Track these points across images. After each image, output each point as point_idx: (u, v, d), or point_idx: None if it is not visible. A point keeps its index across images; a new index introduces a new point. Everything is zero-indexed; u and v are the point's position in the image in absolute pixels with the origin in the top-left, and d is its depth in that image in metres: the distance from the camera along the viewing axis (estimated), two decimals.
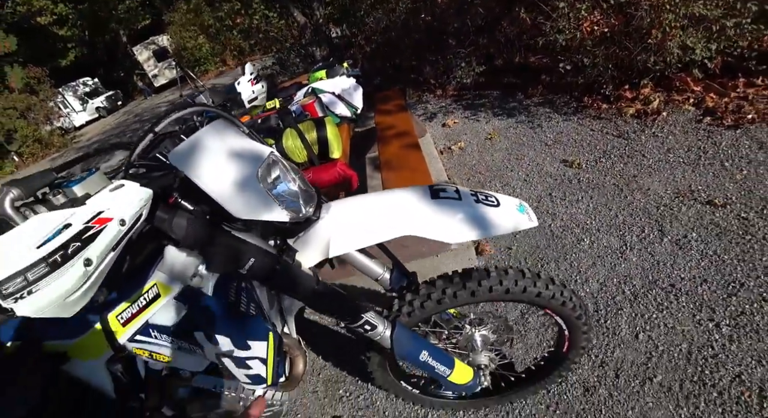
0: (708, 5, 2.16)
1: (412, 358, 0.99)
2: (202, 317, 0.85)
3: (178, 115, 0.87)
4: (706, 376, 1.28)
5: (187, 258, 0.85)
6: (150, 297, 0.85)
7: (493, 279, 0.97)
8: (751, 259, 1.58)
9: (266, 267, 0.79)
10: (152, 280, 0.85)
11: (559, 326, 1.14)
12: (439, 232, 0.82)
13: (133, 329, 0.88)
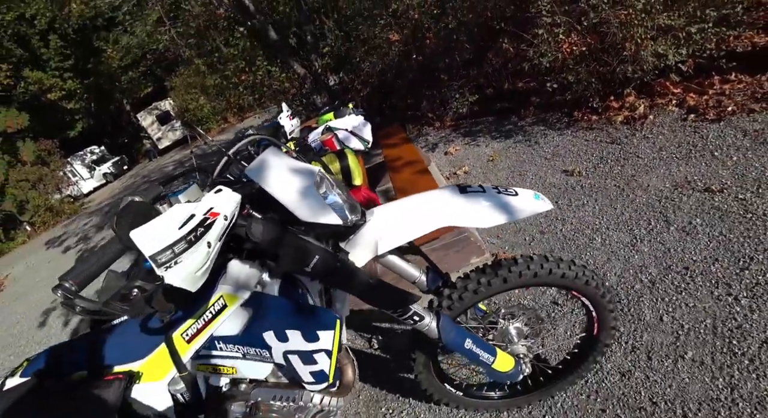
0: (671, 16, 2.40)
1: (458, 346, 1.07)
2: (272, 317, 0.95)
3: (247, 141, 1.03)
4: (735, 346, 1.34)
5: (250, 269, 0.97)
6: (216, 309, 0.95)
7: (521, 265, 1.08)
8: (756, 235, 1.67)
9: (328, 264, 0.90)
10: (218, 293, 0.95)
11: (587, 308, 1.23)
12: (473, 220, 0.95)
13: (197, 344, 0.97)
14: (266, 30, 4.66)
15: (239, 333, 0.98)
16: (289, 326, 0.94)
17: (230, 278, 0.95)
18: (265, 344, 0.96)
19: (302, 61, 5.07)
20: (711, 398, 1.24)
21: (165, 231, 0.69)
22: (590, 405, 1.36)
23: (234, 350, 1.00)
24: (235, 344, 0.99)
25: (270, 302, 0.98)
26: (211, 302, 0.95)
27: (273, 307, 0.97)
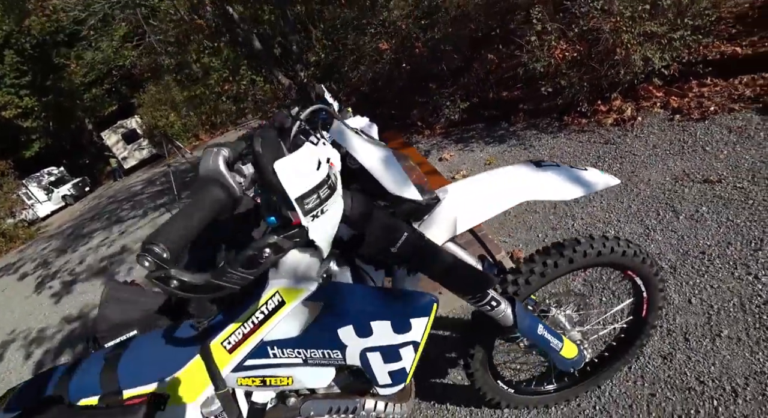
0: (656, 23, 2.58)
1: (532, 332, 1.05)
2: (353, 308, 0.83)
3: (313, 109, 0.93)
4: (766, 320, 1.40)
5: (311, 258, 0.81)
6: (271, 308, 0.81)
7: (585, 245, 1.09)
8: (761, 218, 1.78)
9: (415, 244, 0.81)
10: (272, 288, 0.81)
11: (637, 289, 1.25)
12: (552, 193, 0.94)
13: (242, 353, 0.85)
14: (250, 40, 4.61)
15: (301, 334, 0.86)
16: (375, 316, 0.82)
17: (287, 269, 0.81)
18: (339, 342, 0.84)
19: (287, 72, 5.05)
20: (755, 371, 1.28)
21: (309, 169, 0.57)
22: (638, 391, 1.37)
23: (292, 355, 0.87)
24: (294, 347, 0.86)
25: (348, 292, 0.86)
26: (264, 300, 0.81)
27: (352, 296, 0.85)
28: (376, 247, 0.80)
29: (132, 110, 15.02)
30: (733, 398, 1.24)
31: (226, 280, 0.61)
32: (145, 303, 1.25)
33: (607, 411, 1.35)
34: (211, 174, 0.62)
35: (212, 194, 0.60)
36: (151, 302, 1.27)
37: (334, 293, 0.84)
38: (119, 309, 1.20)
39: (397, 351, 0.84)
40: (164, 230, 0.59)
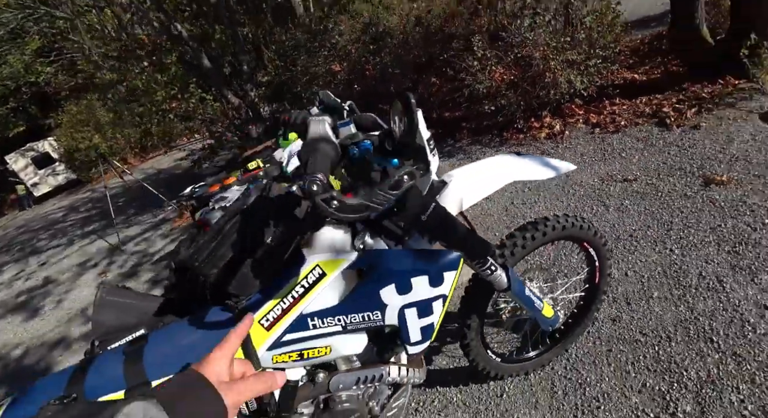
0: (575, 53, 3.10)
1: (521, 293, 1.25)
2: (393, 268, 0.92)
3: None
4: (682, 281, 1.76)
5: (344, 234, 0.94)
6: (312, 281, 0.90)
7: (552, 221, 1.33)
8: (669, 205, 2.22)
9: (439, 213, 0.94)
10: (311, 262, 0.91)
11: (591, 259, 1.52)
12: (533, 174, 1.17)
13: (281, 329, 0.90)
14: (199, 58, 4.58)
15: (341, 301, 0.93)
16: (414, 273, 0.92)
17: (322, 245, 0.93)
18: (381, 302, 0.93)
19: (236, 91, 5.04)
20: (681, 320, 1.61)
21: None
22: (598, 349, 1.63)
23: (333, 323, 0.93)
24: (335, 315, 0.93)
25: (388, 255, 0.95)
26: (304, 274, 0.90)
27: (393, 258, 0.94)
28: (411, 215, 0.91)
29: (43, 132, 13.49)
30: (668, 342, 1.54)
31: (376, 201, 0.72)
32: (141, 306, 1.24)
33: (576, 369, 1.58)
34: (322, 135, 0.78)
35: (326, 148, 0.76)
36: (146, 304, 1.26)
37: (375, 258, 0.93)
38: (114, 313, 1.18)
39: (430, 305, 0.96)
40: (316, 164, 0.70)
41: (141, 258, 4.66)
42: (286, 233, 0.89)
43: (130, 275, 4.31)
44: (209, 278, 0.88)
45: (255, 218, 0.90)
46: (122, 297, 1.23)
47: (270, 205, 0.93)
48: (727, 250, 1.85)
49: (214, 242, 0.89)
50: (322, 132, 0.77)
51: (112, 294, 1.23)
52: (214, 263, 0.87)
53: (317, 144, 0.75)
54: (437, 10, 4.90)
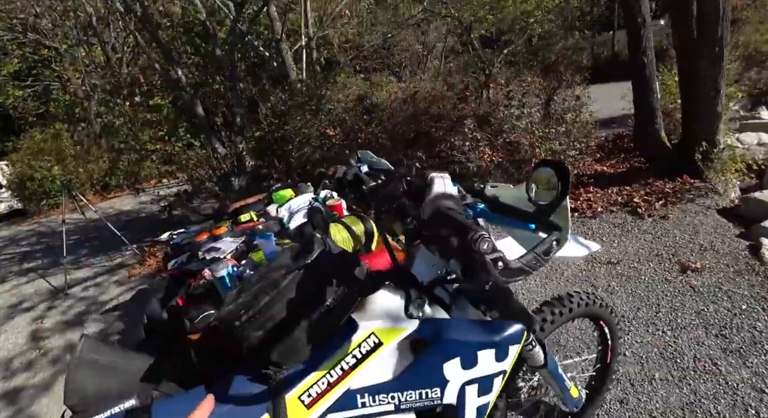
0: (557, 144, 3.46)
1: (555, 371, 1.24)
2: (459, 340, 0.84)
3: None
4: (680, 362, 1.82)
5: (400, 299, 0.87)
6: (365, 351, 0.80)
7: (577, 298, 1.37)
8: (653, 289, 2.36)
9: (500, 284, 0.92)
10: (366, 330, 0.82)
11: (604, 337, 1.55)
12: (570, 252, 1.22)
13: (323, 407, 0.78)
14: (194, 104, 4.61)
15: (397, 375, 0.83)
16: (482, 346, 0.85)
17: (376, 311, 0.85)
18: (443, 378, 0.84)
19: (224, 142, 5.06)
20: (686, 402, 1.64)
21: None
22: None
23: (385, 401, 0.82)
24: (389, 392, 0.82)
25: (452, 325, 0.87)
26: (356, 343, 0.81)
27: (458, 329, 0.86)
28: (480, 283, 0.87)
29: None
30: None
31: (531, 265, 0.68)
32: (126, 368, 1.10)
33: None
34: (448, 192, 0.75)
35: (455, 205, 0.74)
36: (132, 365, 1.11)
37: (439, 328, 0.85)
38: (95, 376, 1.03)
39: (491, 381, 0.89)
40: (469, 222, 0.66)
41: (88, 305, 4.18)
42: (349, 294, 0.82)
43: (73, 324, 3.82)
44: (250, 341, 0.76)
45: (318, 274, 0.82)
46: (105, 355, 1.08)
47: (333, 262, 0.86)
48: (715, 333, 1.96)
49: (266, 298, 0.77)
50: (449, 189, 0.74)
51: (93, 350, 1.07)
52: (262, 323, 0.76)
53: (443, 201, 0.72)
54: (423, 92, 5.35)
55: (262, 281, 0.81)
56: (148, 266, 4.79)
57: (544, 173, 0.69)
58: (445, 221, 0.65)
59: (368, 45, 9.55)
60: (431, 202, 0.68)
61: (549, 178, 0.68)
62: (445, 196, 0.69)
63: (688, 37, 3.34)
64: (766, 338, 1.89)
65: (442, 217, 0.66)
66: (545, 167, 0.65)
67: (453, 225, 0.62)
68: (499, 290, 0.95)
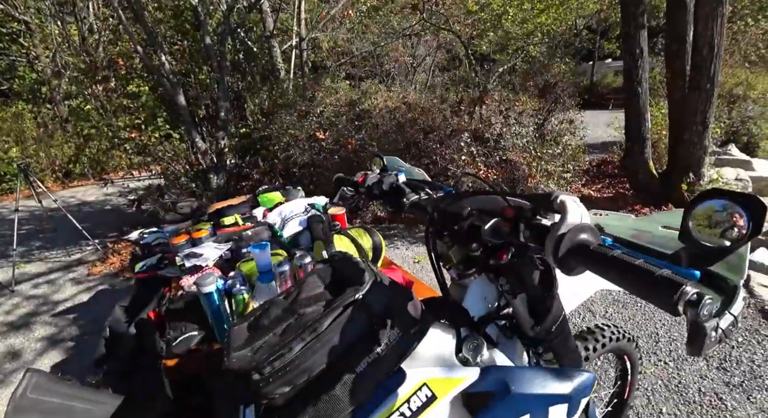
0: (552, 164, 3.47)
1: (593, 413, 1.14)
2: (531, 394, 0.71)
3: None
4: (685, 396, 1.78)
5: (451, 340, 0.74)
6: (417, 406, 0.65)
7: (608, 332, 1.29)
8: (651, 317, 2.34)
9: (564, 323, 0.80)
10: (417, 380, 0.66)
11: (625, 372, 1.49)
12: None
13: None
14: (176, 93, 4.33)
15: None
16: (554, 400, 0.72)
17: (425, 356, 0.70)
18: None
19: (205, 137, 4.78)
20: None
21: None
22: None
23: None
24: None
25: (518, 375, 0.72)
26: (405, 397, 0.65)
27: (526, 379, 0.72)
28: (551, 325, 0.76)
29: None
30: None
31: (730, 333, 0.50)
32: (87, 411, 0.91)
33: None
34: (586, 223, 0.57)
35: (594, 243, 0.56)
36: (95, 407, 0.92)
37: (505, 378, 0.70)
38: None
39: None
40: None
41: (38, 306, 3.76)
42: (403, 338, 0.65)
43: (19, 326, 3.40)
44: (274, 400, 0.59)
45: (373, 314, 0.65)
46: (57, 394, 0.87)
47: (389, 296, 0.69)
48: (716, 366, 1.95)
49: (301, 345, 0.59)
50: (585, 217, 0.57)
51: (42, 389, 0.86)
52: (292, 378, 0.59)
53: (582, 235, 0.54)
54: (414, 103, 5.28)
55: (290, 318, 0.64)
56: (110, 265, 4.40)
57: (707, 207, 0.52)
58: (607, 266, 0.50)
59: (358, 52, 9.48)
60: (572, 235, 0.53)
61: (712, 214, 0.54)
62: (583, 227, 0.53)
63: (681, 71, 3.45)
64: (765, 372, 1.89)
65: (600, 260, 0.51)
66: (715, 200, 0.51)
67: (630, 276, 0.47)
68: (563, 333, 0.84)
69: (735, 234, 0.48)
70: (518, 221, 0.62)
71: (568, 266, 0.53)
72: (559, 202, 0.55)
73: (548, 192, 0.58)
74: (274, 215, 2.42)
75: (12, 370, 2.79)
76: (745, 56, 7.80)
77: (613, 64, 15.96)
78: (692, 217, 0.50)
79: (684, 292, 0.41)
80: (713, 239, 0.49)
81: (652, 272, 0.45)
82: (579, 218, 0.54)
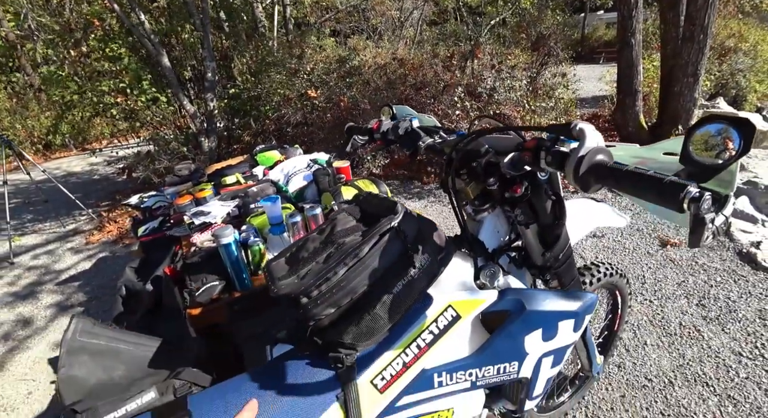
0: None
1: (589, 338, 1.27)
2: (539, 310, 0.78)
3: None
4: (667, 329, 1.95)
5: (470, 268, 0.81)
6: (443, 326, 0.74)
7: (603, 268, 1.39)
8: (638, 261, 2.49)
9: (570, 251, 0.89)
10: (442, 302, 0.74)
11: (616, 306, 1.61)
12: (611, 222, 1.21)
13: (397, 389, 0.71)
14: (159, 55, 4.15)
15: (475, 351, 0.79)
16: (563, 316, 0.80)
17: (449, 281, 0.78)
18: (523, 351, 0.80)
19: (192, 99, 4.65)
20: (676, 365, 1.76)
21: None
22: (612, 395, 1.68)
23: (462, 378, 0.77)
24: (467, 368, 0.77)
25: (532, 295, 0.79)
26: (433, 318, 0.73)
27: (539, 299, 0.79)
28: (559, 252, 0.86)
29: None
30: (671, 386, 1.67)
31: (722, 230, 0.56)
32: (131, 353, 0.97)
33: (597, 416, 1.61)
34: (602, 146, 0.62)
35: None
36: (138, 349, 0.99)
37: (521, 298, 0.78)
38: (95, 364, 0.90)
39: (563, 353, 0.87)
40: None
41: (40, 276, 3.79)
42: (432, 263, 0.72)
43: (25, 296, 3.45)
44: (320, 322, 0.65)
45: (407, 240, 0.71)
46: (103, 338, 0.94)
47: (419, 226, 0.75)
48: (696, 303, 2.11)
49: (344, 269, 0.65)
50: (601, 142, 0.62)
51: (89, 333, 0.93)
52: (335, 300, 0.65)
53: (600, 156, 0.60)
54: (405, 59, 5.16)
55: (330, 248, 0.69)
56: (108, 233, 4.41)
57: (704, 131, 0.57)
58: (623, 180, 0.55)
59: (342, 6, 9.05)
60: (590, 155, 0.58)
61: (708, 138, 0.59)
62: (600, 149, 0.59)
63: (675, 21, 3.42)
64: (739, 307, 2.06)
65: (617, 175, 0.56)
66: (711, 124, 0.56)
67: (643, 186, 0.53)
68: (569, 261, 0.92)
69: (727, 155, 0.53)
70: (539, 151, 0.67)
71: (588, 184, 0.58)
72: (578, 130, 0.60)
73: (567, 122, 0.63)
74: (275, 172, 2.43)
75: (25, 336, 2.86)
76: (739, 7, 7.67)
77: (605, 15, 15.52)
78: (691, 142, 0.56)
79: (688, 191, 0.47)
80: (708, 160, 0.54)
81: (661, 179, 0.51)
82: (596, 142, 0.59)
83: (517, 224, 0.86)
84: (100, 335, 0.91)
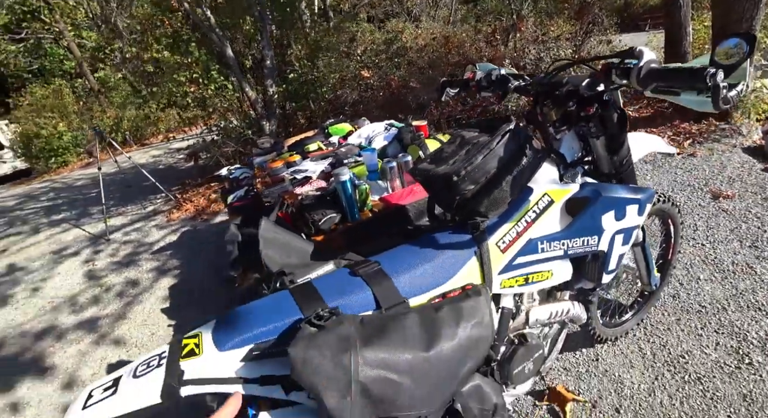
0: None
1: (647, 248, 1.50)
2: (612, 196, 1.03)
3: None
4: (720, 266, 2.11)
5: (556, 170, 1.09)
6: (541, 207, 1.01)
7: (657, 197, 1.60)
8: (690, 212, 2.62)
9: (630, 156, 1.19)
10: (540, 191, 1.02)
11: (669, 235, 1.80)
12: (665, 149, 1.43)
13: (513, 251, 0.98)
14: (224, 46, 4.57)
15: (566, 226, 1.04)
16: (629, 201, 1.05)
17: (544, 177, 1.06)
18: (600, 227, 1.03)
19: (255, 86, 5.05)
20: (729, 295, 1.93)
21: None
22: (668, 319, 1.88)
23: (557, 247, 1.02)
24: (560, 239, 1.02)
25: (604, 186, 1.06)
26: (534, 202, 1.01)
27: (612, 189, 1.05)
28: (623, 158, 1.14)
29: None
30: (725, 312, 1.85)
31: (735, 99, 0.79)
32: (299, 248, 1.29)
33: (655, 335, 1.82)
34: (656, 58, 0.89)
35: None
36: (303, 246, 1.30)
37: (597, 188, 1.05)
38: (279, 251, 1.22)
39: (631, 233, 1.13)
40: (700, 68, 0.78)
41: (135, 248, 4.36)
42: (535, 157, 1.01)
43: (127, 263, 4.01)
44: (464, 194, 0.95)
45: (518, 138, 0.99)
46: (280, 235, 1.27)
47: (525, 132, 1.04)
48: (748, 245, 2.24)
49: (480, 157, 0.93)
50: (655, 56, 0.88)
51: (271, 230, 1.26)
52: (476, 178, 0.93)
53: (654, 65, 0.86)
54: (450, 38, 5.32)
55: (467, 146, 0.99)
56: (185, 211, 4.95)
57: (725, 46, 0.80)
58: (668, 75, 0.82)
59: None
60: (647, 65, 0.85)
61: (728, 50, 0.84)
62: (654, 60, 0.86)
63: None
64: None
65: (664, 72, 0.82)
66: (729, 40, 0.80)
67: (682, 75, 0.79)
68: (631, 168, 1.18)
69: (740, 58, 0.77)
70: (610, 71, 0.93)
71: (647, 83, 0.85)
72: (638, 51, 0.87)
73: (630, 47, 0.89)
74: (354, 137, 2.75)
75: (137, 293, 3.38)
76: None
77: None
78: (716, 54, 0.80)
79: (708, 70, 0.74)
80: (727, 62, 0.79)
81: (691, 67, 0.78)
82: (651, 56, 0.86)
83: (590, 137, 1.12)
84: (277, 232, 1.25)
